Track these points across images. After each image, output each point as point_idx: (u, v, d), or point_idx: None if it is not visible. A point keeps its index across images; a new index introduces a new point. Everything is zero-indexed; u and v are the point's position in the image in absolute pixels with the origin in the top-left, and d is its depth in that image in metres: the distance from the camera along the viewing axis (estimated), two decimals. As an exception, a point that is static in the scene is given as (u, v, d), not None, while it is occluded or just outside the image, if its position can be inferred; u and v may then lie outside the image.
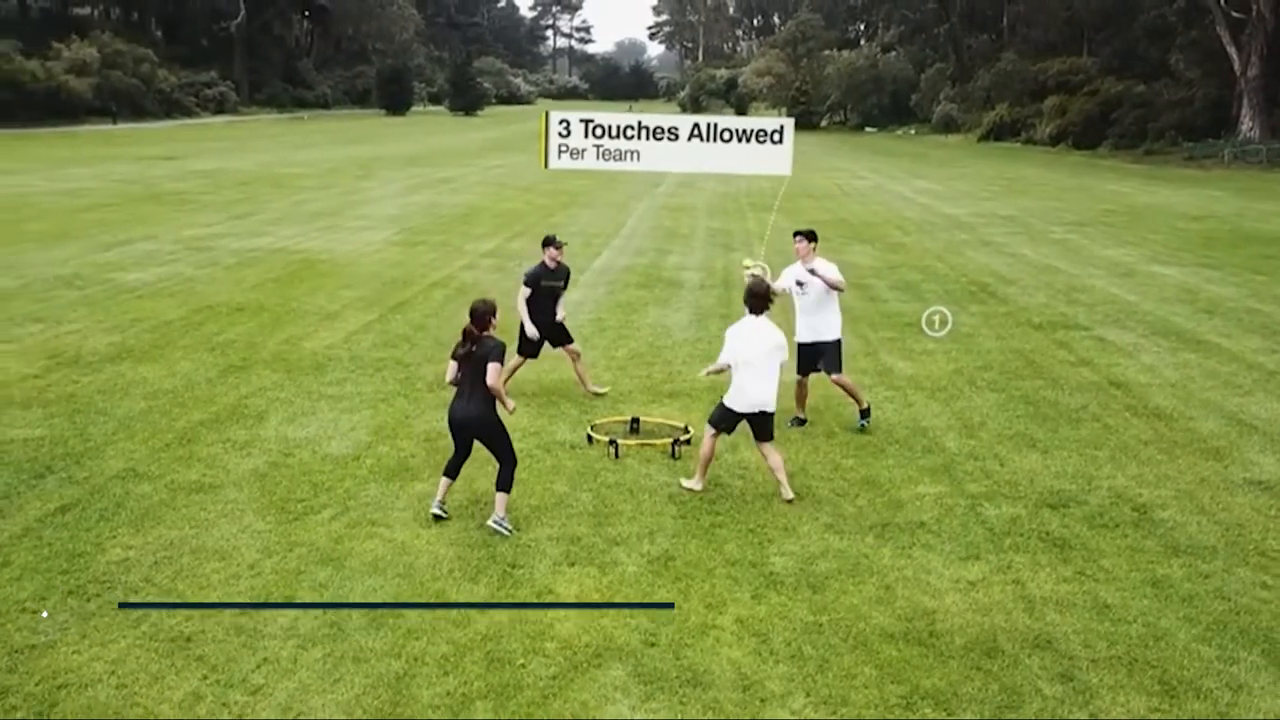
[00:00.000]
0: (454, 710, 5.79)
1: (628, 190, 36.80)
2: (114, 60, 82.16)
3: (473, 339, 8.02)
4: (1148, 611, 7.09)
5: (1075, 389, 12.35)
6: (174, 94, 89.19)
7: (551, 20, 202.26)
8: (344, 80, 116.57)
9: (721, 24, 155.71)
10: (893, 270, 20.55)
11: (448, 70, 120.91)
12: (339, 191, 33.80)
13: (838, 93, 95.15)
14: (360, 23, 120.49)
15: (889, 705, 5.96)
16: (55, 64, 76.30)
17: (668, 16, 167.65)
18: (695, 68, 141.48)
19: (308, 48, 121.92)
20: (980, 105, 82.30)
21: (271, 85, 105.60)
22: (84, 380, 11.93)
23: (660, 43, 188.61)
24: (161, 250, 21.09)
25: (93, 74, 78.77)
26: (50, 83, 73.98)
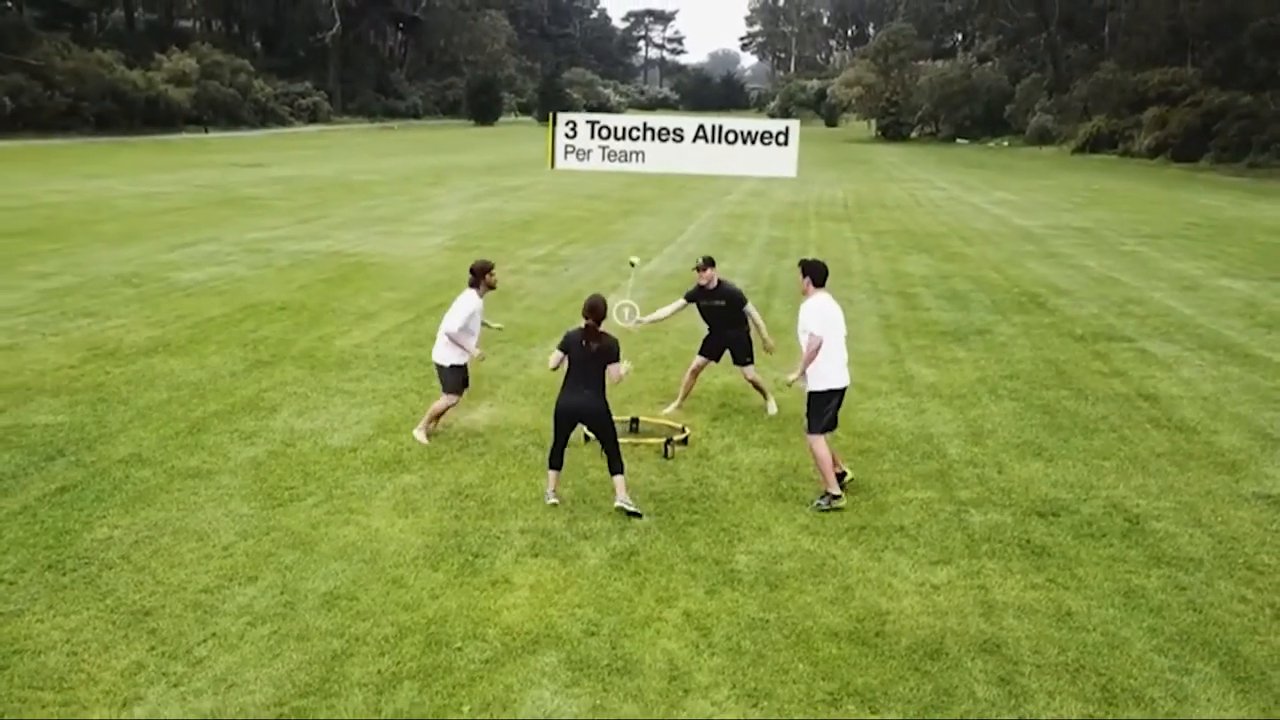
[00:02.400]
0: (379, 689, 5.97)
1: (696, 198, 36.93)
2: (212, 71, 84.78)
3: (594, 335, 8.45)
4: (1111, 620, 7.00)
5: (1100, 400, 12.13)
6: (269, 103, 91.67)
7: (644, 31, 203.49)
8: (435, 91, 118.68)
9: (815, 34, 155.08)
10: (944, 280, 20.34)
11: (537, 81, 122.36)
12: (407, 198, 34.51)
13: (929, 103, 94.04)
14: (452, 34, 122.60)
15: (814, 701, 5.99)
16: (156, 74, 78.97)
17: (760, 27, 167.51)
18: (786, 78, 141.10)
19: (401, 59, 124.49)
20: (1077, 116, 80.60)
21: (364, 95, 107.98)
22: (115, 371, 12.43)
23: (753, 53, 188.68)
24: (221, 251, 21.79)
25: (191, 84, 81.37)
26: (150, 92, 76.56)
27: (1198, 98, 67.50)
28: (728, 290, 11.23)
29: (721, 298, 11.19)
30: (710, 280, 11.17)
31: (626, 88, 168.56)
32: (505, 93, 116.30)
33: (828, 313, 8.89)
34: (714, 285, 11.19)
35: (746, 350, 11.33)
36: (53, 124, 67.37)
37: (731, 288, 11.31)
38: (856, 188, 43.60)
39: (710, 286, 11.18)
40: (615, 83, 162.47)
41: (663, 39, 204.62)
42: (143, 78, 76.67)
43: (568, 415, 8.62)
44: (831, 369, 8.82)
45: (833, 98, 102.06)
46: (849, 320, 14.63)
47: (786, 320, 16.20)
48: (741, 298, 11.27)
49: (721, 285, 11.22)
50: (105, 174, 40.44)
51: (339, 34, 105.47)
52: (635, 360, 13.25)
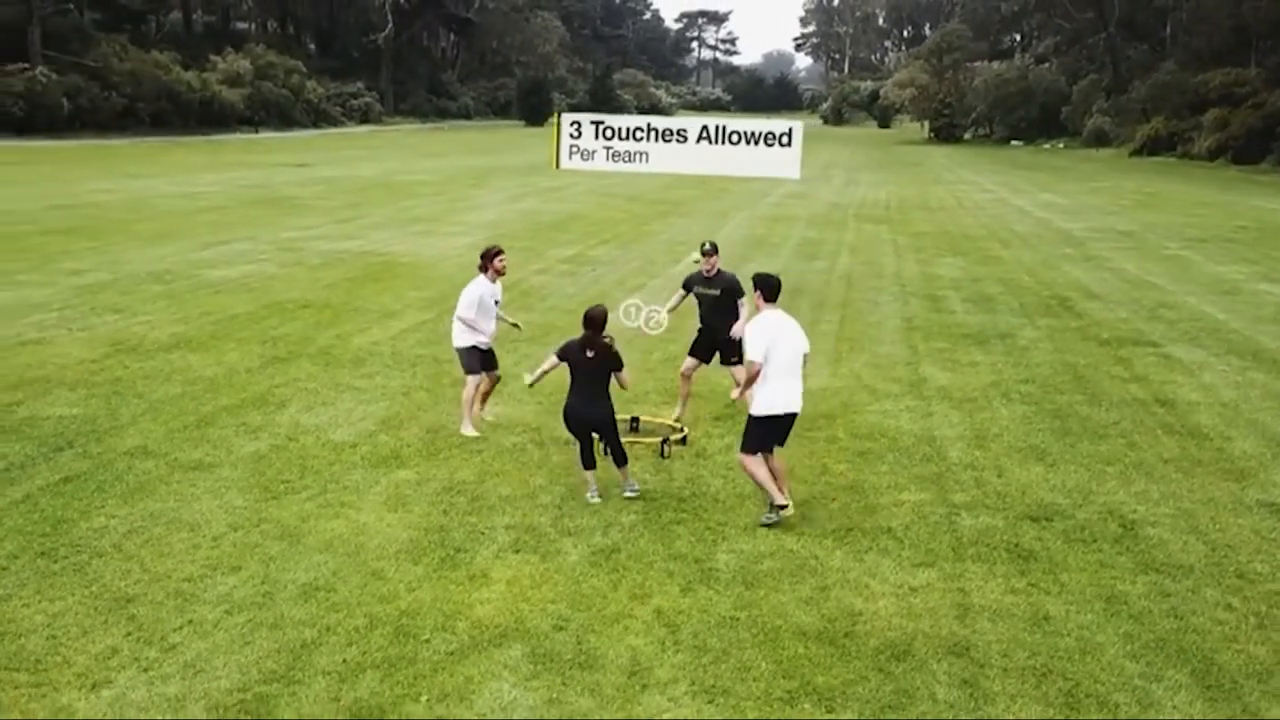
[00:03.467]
0: (342, 678, 6.10)
1: (734, 200, 36.94)
2: (265, 72, 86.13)
3: (594, 344, 8.63)
4: (1087, 626, 6.97)
5: (1114, 405, 12.03)
6: (321, 104, 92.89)
7: (697, 32, 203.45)
8: (486, 91, 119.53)
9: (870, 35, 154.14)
10: (975, 283, 20.21)
11: (589, 82, 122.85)
12: (448, 198, 34.84)
13: (983, 105, 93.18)
14: (505, 35, 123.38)
15: (771, 699, 6.03)
16: (210, 75, 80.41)
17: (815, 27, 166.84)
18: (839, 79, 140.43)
19: (453, 60, 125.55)
20: (1135, 118, 79.38)
21: (416, 96, 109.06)
22: (134, 366, 12.74)
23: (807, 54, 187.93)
24: (254, 250, 22.18)
25: (245, 85, 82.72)
26: (205, 93, 77.95)
27: (1260, 99, 66.21)
28: (726, 279, 11.18)
29: (718, 286, 11.14)
30: (711, 268, 11.13)
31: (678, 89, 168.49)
32: (556, 93, 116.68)
33: (775, 333, 8.44)
34: (714, 273, 11.15)
35: (736, 350, 11.12)
36: (109, 124, 68.89)
37: (730, 278, 11.22)
38: (901, 189, 43.35)
39: (710, 274, 11.15)
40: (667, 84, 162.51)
41: (716, 40, 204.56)
42: (197, 79, 78.09)
43: (579, 425, 8.84)
44: (774, 395, 8.38)
45: (885, 99, 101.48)
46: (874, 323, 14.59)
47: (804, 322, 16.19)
48: (739, 289, 11.12)
49: (721, 274, 11.18)
50: (152, 174, 41.24)
51: (392, 35, 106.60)
52: (647, 360, 13.37)
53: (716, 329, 11.18)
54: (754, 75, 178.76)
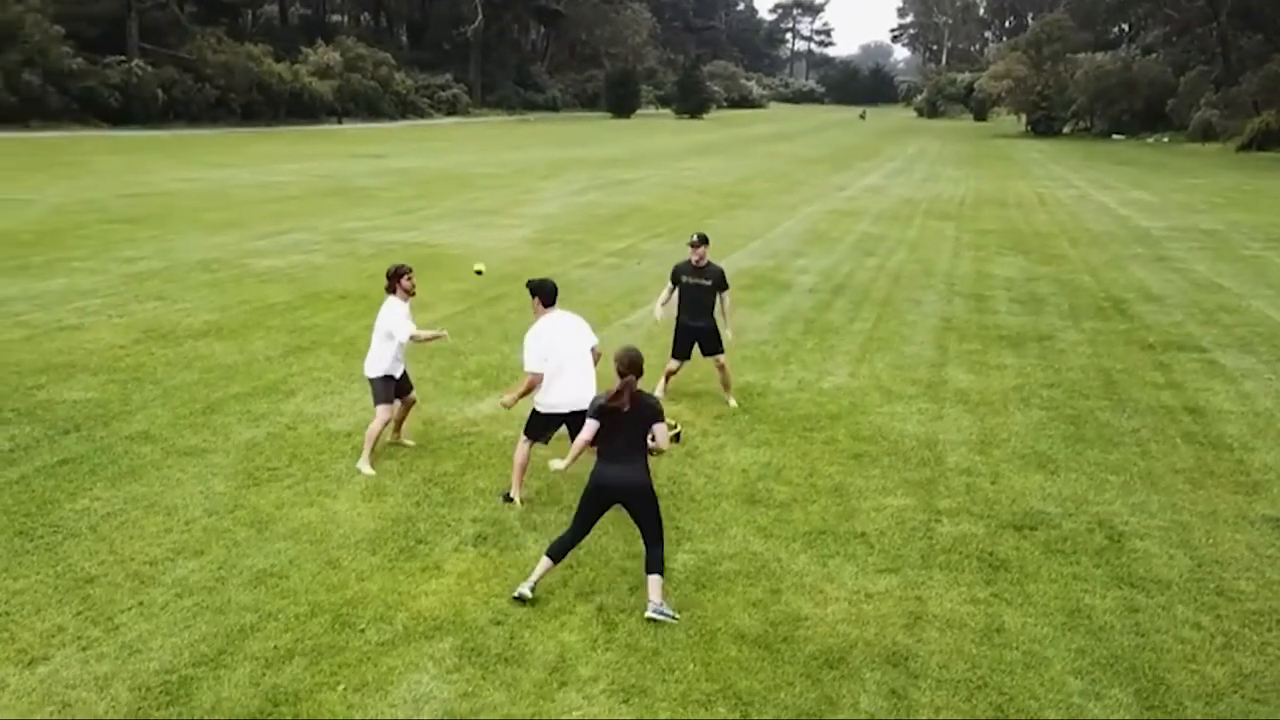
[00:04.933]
0: (268, 664, 6.26)
1: (807, 192, 36.71)
2: (355, 64, 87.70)
3: (632, 393, 6.94)
4: (1040, 639, 6.84)
5: (1137, 412, 11.73)
6: (409, 96, 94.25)
7: (791, 23, 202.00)
8: (574, 84, 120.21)
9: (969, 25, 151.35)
10: (1029, 282, 19.81)
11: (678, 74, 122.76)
12: (514, 190, 35.16)
13: (1084, 97, 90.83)
14: (594, 27, 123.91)
15: (688, 701, 6.04)
16: (301, 67, 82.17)
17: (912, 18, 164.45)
18: (936, 71, 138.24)
19: (542, 52, 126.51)
20: (1245, 112, 76.76)
21: (503, 88, 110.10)
22: (160, 352, 13.14)
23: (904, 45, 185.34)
24: (309, 240, 22.67)
25: (334, 77, 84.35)
26: (295, 84, 79.64)
27: (1377, 94, 63.57)
28: (714, 271, 11.48)
29: (708, 278, 11.44)
30: (700, 259, 11.38)
31: (771, 80, 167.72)
32: (644, 85, 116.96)
33: (550, 338, 8.42)
34: (703, 264, 11.43)
35: (716, 340, 11.50)
36: (201, 115, 70.82)
37: (718, 269, 11.54)
38: (982, 184, 42.59)
39: (699, 264, 11.41)
40: (759, 75, 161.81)
41: (810, 31, 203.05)
42: (288, 70, 79.81)
43: (608, 494, 7.06)
44: (559, 393, 8.45)
45: (981, 91, 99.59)
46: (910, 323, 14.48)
47: (839, 320, 16.11)
48: (724, 281, 11.54)
49: (709, 265, 11.49)
50: (233, 163, 42.33)
51: (481, 27, 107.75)
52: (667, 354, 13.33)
53: (696, 322, 11.43)
54: (849, 67, 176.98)
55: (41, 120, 58.83)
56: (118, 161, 41.84)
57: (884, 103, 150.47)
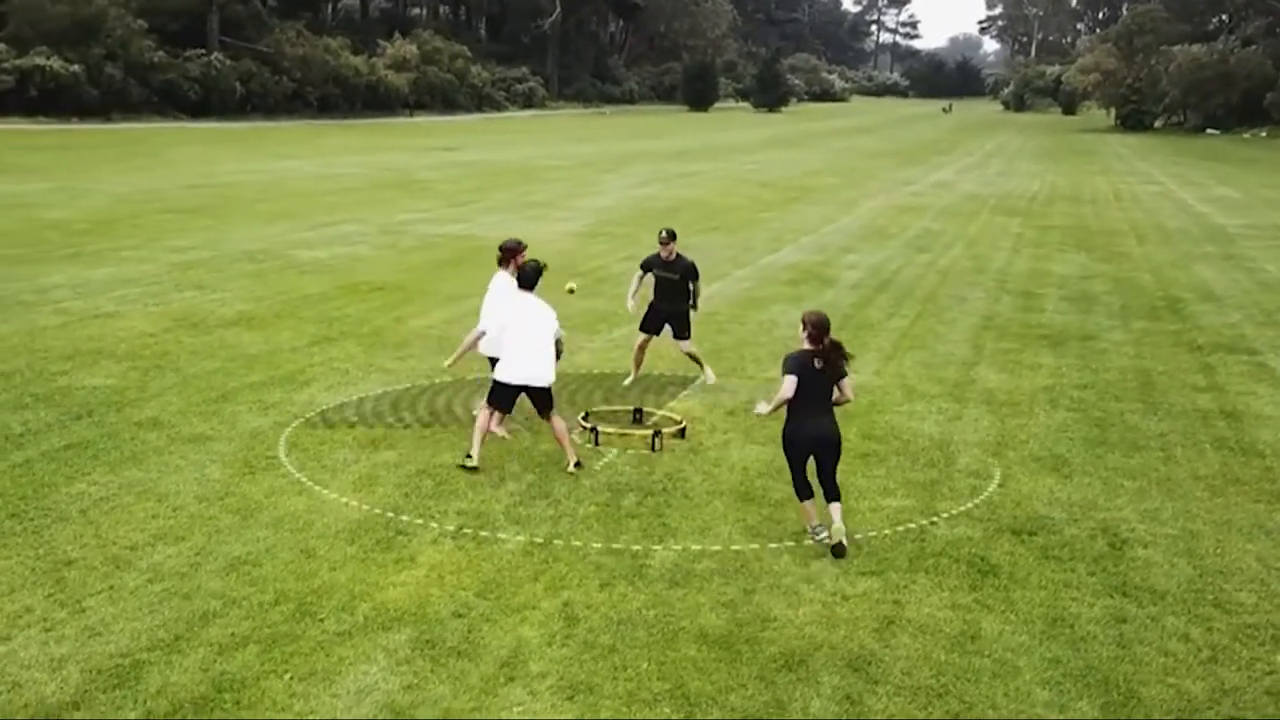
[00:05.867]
0: (222, 650, 6.33)
1: (874, 187, 36.35)
2: (431, 57, 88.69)
3: (826, 352, 7.81)
4: (1016, 648, 6.66)
5: (1170, 415, 11.40)
6: (485, 89, 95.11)
7: (876, 15, 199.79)
8: (652, 76, 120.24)
9: (1060, 17, 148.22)
10: (1084, 280, 19.38)
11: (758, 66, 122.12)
12: (573, 183, 35.27)
13: (1176, 91, 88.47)
14: (673, 20, 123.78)
15: (635, 700, 5.99)
16: (378, 60, 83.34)
17: (1001, 10, 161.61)
18: (1024, 64, 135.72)
19: (620, 44, 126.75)
20: (1347, 106, 74.23)
21: (580, 81, 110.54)
22: (187, 341, 13.41)
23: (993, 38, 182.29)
24: (357, 232, 22.98)
25: (411, 70, 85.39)
26: (371, 77, 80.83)
27: None
28: (683, 265, 11.96)
29: (677, 271, 11.93)
30: (670, 253, 11.89)
31: (854, 74, 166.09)
32: (723, 78, 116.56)
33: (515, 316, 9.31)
34: (672, 258, 11.91)
35: (685, 325, 12.03)
36: (278, 107, 72.28)
37: (687, 262, 11.99)
38: (1058, 180, 41.76)
39: (669, 259, 11.90)
40: (842, 68, 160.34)
41: (896, 23, 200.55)
42: (365, 63, 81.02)
43: (814, 445, 7.91)
44: (514, 369, 9.22)
45: (1068, 84, 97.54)
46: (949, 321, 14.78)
47: (878, 316, 15.90)
48: (694, 272, 12.00)
49: (679, 259, 11.96)
50: (300, 156, 43.08)
51: (559, 20, 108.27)
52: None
53: (668, 308, 11.98)
54: (935, 60, 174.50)
55: (122, 112, 60.48)
56: (188, 153, 42.82)
57: (970, 96, 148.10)
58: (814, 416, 7.90)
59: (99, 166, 35.56)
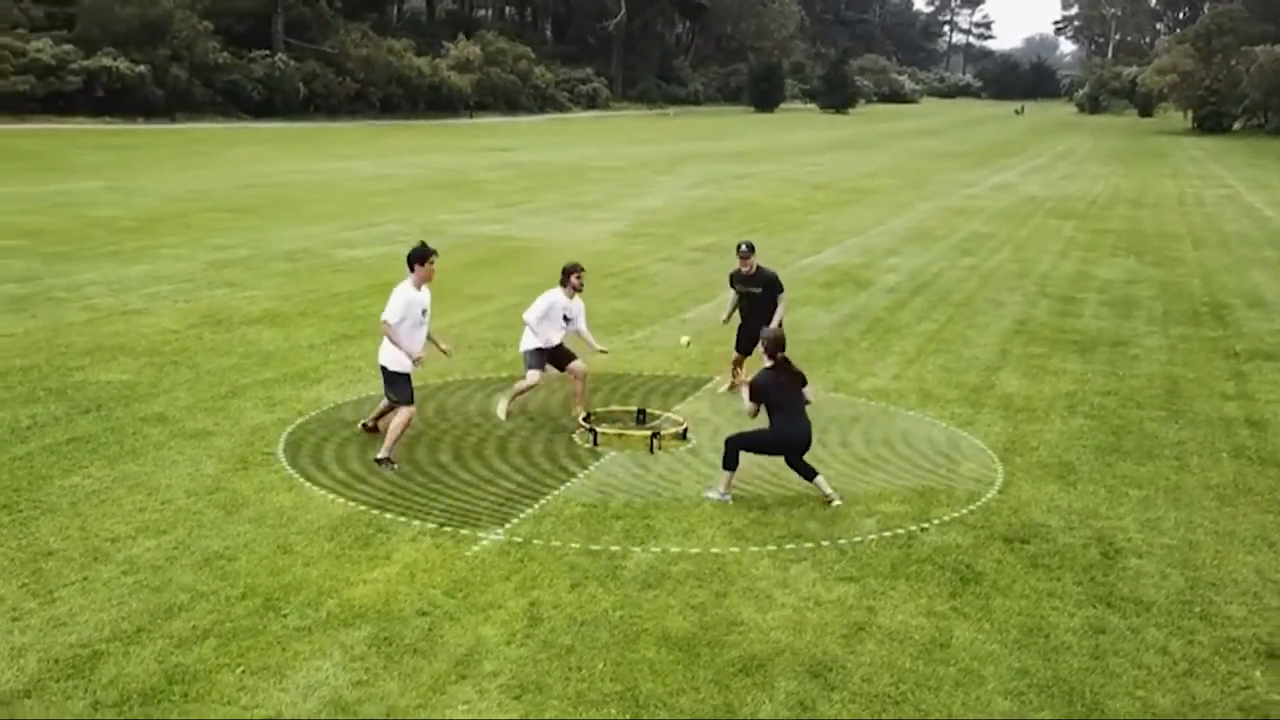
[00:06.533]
0: (180, 643, 6.42)
1: (931, 189, 35.94)
2: (494, 58, 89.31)
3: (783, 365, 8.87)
4: (986, 656, 6.55)
5: (1191, 424, 11.14)
6: (548, 90, 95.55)
7: (949, 16, 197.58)
8: (718, 77, 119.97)
9: (1139, 16, 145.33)
10: (1129, 285, 19.01)
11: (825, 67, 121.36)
12: (626, 184, 35.32)
13: (1258, 92, 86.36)
14: (740, 20, 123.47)
15: (583, 700, 5.97)
16: (441, 61, 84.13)
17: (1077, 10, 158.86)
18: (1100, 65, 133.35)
19: (686, 45, 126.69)
20: None
21: (645, 81, 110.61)
22: (208, 338, 13.64)
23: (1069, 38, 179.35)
24: (398, 232, 23.19)
25: (474, 71, 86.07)
26: (434, 78, 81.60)
27: None
28: (765, 277, 11.66)
29: (759, 284, 11.63)
30: (749, 267, 11.57)
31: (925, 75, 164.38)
32: (790, 79, 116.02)
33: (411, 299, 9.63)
34: (752, 271, 11.62)
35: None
36: (341, 108, 73.20)
37: (768, 274, 11.67)
38: (1124, 183, 41.01)
39: (748, 272, 11.60)
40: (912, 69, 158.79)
41: (969, 24, 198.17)
42: (428, 65, 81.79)
43: (803, 443, 8.83)
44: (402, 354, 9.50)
45: (1144, 86, 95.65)
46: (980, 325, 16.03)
47: (907, 320, 15.71)
48: (777, 286, 11.66)
49: (760, 272, 11.66)
50: (356, 156, 43.61)
51: (624, 21, 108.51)
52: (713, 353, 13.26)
53: (755, 324, 11.11)
54: (1008, 61, 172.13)
55: (186, 113, 61.66)
56: (247, 153, 43.56)
57: (1045, 98, 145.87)
58: (800, 418, 8.82)
59: (156, 166, 36.30)
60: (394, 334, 9.53)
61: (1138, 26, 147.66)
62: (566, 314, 10.93)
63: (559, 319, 10.86)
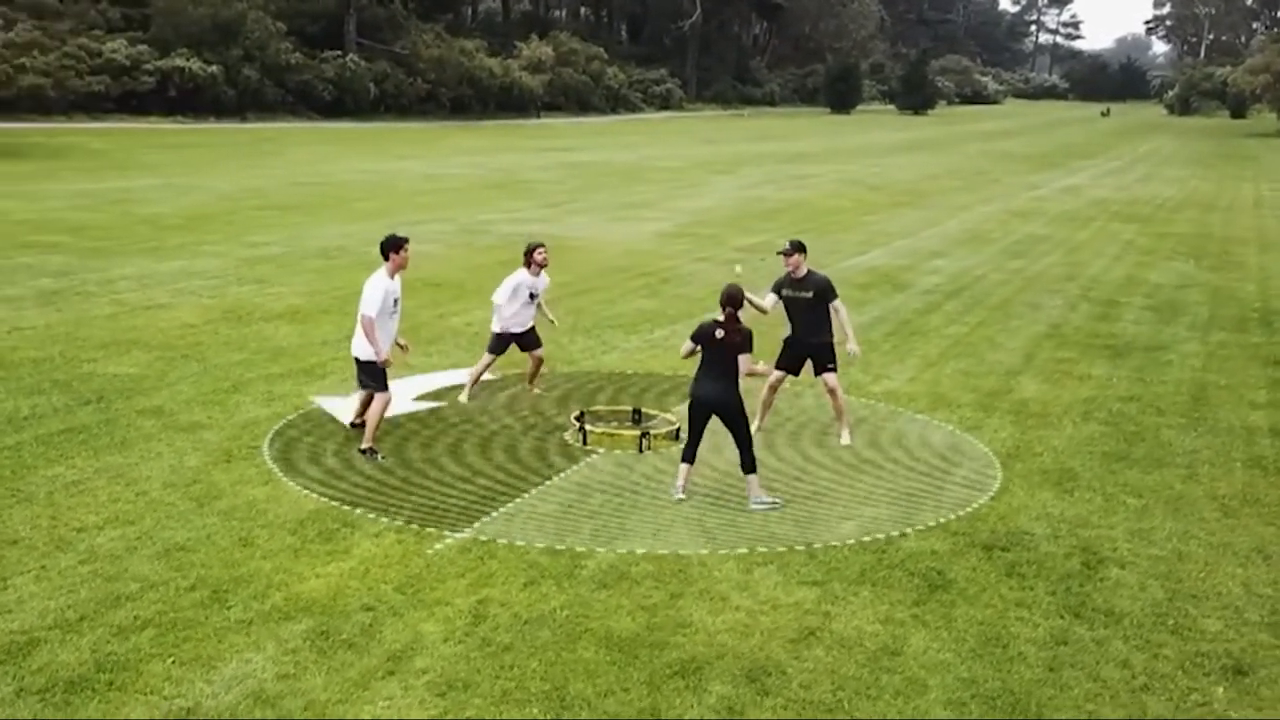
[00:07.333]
0: (119, 631, 6.49)
1: (989, 192, 35.34)
2: (566, 58, 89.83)
3: (731, 326, 8.58)
4: (934, 666, 6.38)
5: (1212, 431, 10.80)
6: (621, 90, 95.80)
7: (1036, 16, 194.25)
8: (795, 78, 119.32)
9: (1234, 15, 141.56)
10: (1179, 289, 18.50)
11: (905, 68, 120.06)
12: (682, 184, 35.23)
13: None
14: (818, 20, 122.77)
15: (506, 699, 5.93)
16: (513, 62, 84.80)
17: (1169, 9, 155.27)
18: (1192, 65, 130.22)
19: (763, 46, 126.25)
20: None
21: (720, 83, 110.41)
22: (225, 333, 13.84)
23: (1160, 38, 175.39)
24: (440, 231, 23.39)
25: (545, 71, 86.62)
26: (505, 79, 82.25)
27: None
28: (816, 280, 10.34)
29: (809, 289, 10.29)
30: (797, 268, 10.31)
31: (1009, 76, 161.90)
32: (868, 80, 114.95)
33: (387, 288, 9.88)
34: (801, 274, 10.32)
35: (830, 357, 10.35)
36: (411, 108, 74.09)
37: (820, 278, 10.38)
38: (1200, 186, 39.97)
39: (797, 275, 10.32)
40: (996, 70, 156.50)
41: (1057, 24, 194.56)
42: (499, 65, 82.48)
43: (699, 406, 8.72)
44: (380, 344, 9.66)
45: (1234, 86, 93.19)
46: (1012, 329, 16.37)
47: (937, 323, 15.46)
48: (830, 291, 10.34)
49: (811, 275, 10.35)
50: (418, 156, 44.09)
51: (699, 22, 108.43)
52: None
53: (804, 338, 10.40)
54: (1097, 61, 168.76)
55: (257, 112, 62.85)
56: (312, 152, 44.26)
57: (1134, 99, 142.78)
58: (706, 379, 8.71)
59: (217, 164, 37.02)
60: (373, 331, 9.57)
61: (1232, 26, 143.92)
62: (533, 291, 11.36)
63: (525, 297, 11.31)
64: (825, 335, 10.31)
